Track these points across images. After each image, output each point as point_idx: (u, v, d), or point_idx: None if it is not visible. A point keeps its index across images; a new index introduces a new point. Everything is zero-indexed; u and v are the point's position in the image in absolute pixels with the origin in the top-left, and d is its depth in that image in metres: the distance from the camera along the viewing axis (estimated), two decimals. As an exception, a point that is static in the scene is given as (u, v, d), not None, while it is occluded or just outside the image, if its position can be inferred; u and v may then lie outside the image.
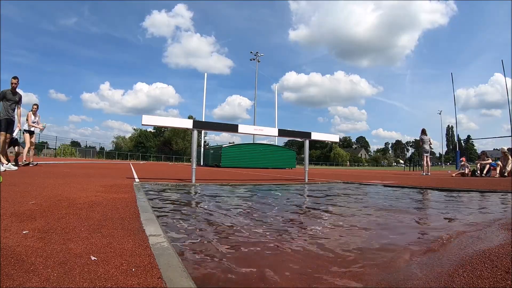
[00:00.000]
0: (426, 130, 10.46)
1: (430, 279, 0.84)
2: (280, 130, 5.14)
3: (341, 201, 2.82)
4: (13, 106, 5.84)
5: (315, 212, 2.13)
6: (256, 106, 28.04)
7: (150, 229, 1.29)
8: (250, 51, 32.03)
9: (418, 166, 19.83)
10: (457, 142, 23.95)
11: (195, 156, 4.39)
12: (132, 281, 0.76)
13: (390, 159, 79.52)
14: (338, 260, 1.04)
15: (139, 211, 1.70)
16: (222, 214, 1.90)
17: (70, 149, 32.98)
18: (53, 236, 1.14)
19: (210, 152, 20.36)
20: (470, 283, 0.80)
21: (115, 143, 50.87)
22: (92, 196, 2.29)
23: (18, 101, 5.94)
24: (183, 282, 0.76)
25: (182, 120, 4.60)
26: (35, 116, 7.38)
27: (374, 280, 0.86)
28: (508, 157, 8.48)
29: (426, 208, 2.53)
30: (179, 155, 47.28)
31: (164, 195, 2.80)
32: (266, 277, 0.88)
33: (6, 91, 5.76)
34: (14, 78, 5.88)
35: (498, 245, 1.16)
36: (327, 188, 4.07)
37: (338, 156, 67.70)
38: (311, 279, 0.87)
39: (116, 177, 4.67)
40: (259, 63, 28.71)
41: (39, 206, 1.73)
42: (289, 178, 6.33)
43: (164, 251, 1.00)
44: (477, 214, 2.08)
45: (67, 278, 0.76)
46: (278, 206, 2.35)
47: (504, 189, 3.81)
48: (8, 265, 0.83)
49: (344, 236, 1.41)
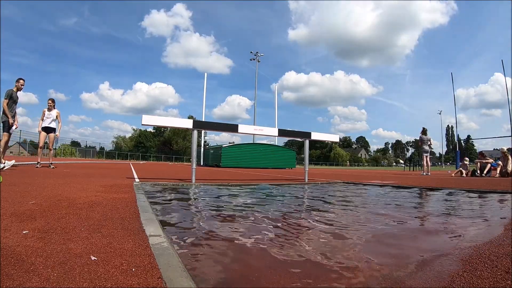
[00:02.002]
0: (426, 130, 10.44)
1: (430, 279, 0.84)
2: (280, 130, 5.14)
3: (342, 200, 2.82)
4: (14, 106, 5.85)
5: (315, 211, 2.13)
6: (256, 106, 28.08)
7: (150, 229, 1.29)
8: (250, 51, 32.13)
9: (418, 166, 19.83)
10: (457, 142, 23.91)
11: (195, 156, 4.39)
12: (132, 281, 0.76)
13: (390, 159, 79.52)
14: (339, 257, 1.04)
15: (139, 211, 1.70)
16: (222, 214, 1.90)
17: (70, 149, 32.98)
18: (53, 236, 1.14)
19: (210, 152, 20.35)
20: (470, 283, 0.80)
21: (115, 143, 50.92)
22: (92, 196, 2.29)
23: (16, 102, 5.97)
24: (183, 282, 0.76)
25: (182, 120, 4.59)
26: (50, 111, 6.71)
27: (375, 277, 0.86)
28: (508, 157, 8.48)
29: (426, 208, 2.53)
30: (179, 155, 47.27)
31: (164, 195, 2.80)
32: (265, 276, 0.88)
33: (13, 91, 5.74)
34: (23, 80, 5.91)
35: (498, 245, 1.16)
36: (327, 188, 4.07)
37: (338, 156, 67.70)
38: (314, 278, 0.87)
39: (116, 177, 4.67)
40: (259, 63, 28.75)
41: (39, 206, 1.73)
42: (289, 178, 6.33)
43: (164, 251, 1.00)
44: (477, 214, 2.08)
45: (67, 278, 0.76)
46: (278, 206, 2.35)
47: (504, 189, 3.81)
48: (8, 265, 0.83)
49: (344, 235, 1.41)
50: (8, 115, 5.59)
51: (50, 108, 6.75)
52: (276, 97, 28.17)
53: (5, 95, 5.66)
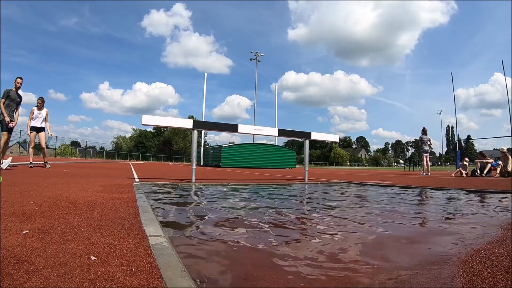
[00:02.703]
0: (426, 130, 10.44)
1: (430, 279, 0.84)
2: (280, 130, 5.14)
3: (342, 200, 2.82)
4: (13, 106, 5.84)
5: (316, 211, 2.13)
6: (256, 106, 28.08)
7: (150, 229, 1.29)
8: (250, 51, 32.03)
9: (418, 166, 19.85)
10: (457, 142, 23.91)
11: (195, 156, 4.39)
12: (132, 281, 0.76)
13: (390, 159, 79.53)
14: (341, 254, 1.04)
15: (139, 211, 1.70)
16: (222, 214, 1.90)
17: (70, 149, 33.01)
18: (53, 236, 1.14)
19: (210, 152, 20.35)
20: (470, 283, 0.80)
21: (115, 143, 50.94)
22: (92, 196, 2.29)
23: (19, 103, 5.97)
24: (183, 282, 0.76)
25: (182, 120, 4.59)
26: (40, 110, 6.52)
27: (375, 274, 0.86)
28: (508, 157, 8.48)
29: (426, 207, 2.53)
30: (179, 155, 47.27)
31: (164, 195, 2.80)
32: (264, 276, 0.88)
33: (10, 90, 5.73)
34: (20, 78, 5.90)
35: (498, 245, 1.16)
36: (327, 188, 4.07)
37: (338, 156, 67.72)
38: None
39: (116, 177, 4.66)
40: (259, 63, 28.75)
41: (39, 206, 1.73)
42: (289, 178, 6.33)
43: (164, 251, 1.00)
44: (476, 214, 2.08)
45: (67, 278, 0.76)
46: (279, 205, 2.35)
47: (504, 189, 3.81)
48: (8, 265, 0.83)
49: (345, 233, 1.41)
50: (4, 113, 5.58)
51: (40, 107, 6.55)
52: (276, 97, 28.18)
53: (2, 95, 5.68)
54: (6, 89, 5.74)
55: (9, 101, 5.73)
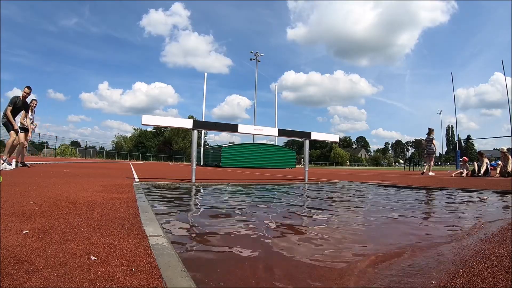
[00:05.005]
0: (431, 131, 10.37)
1: (430, 279, 0.84)
2: (280, 130, 5.14)
3: (342, 200, 2.82)
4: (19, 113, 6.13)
5: (316, 210, 2.13)
6: (256, 106, 28.08)
7: (150, 229, 1.29)
8: (250, 51, 32.02)
9: (418, 166, 19.85)
10: (457, 142, 23.95)
11: (195, 156, 4.39)
12: (132, 281, 0.76)
13: (390, 159, 79.54)
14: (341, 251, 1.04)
15: (139, 211, 1.70)
16: (222, 214, 1.90)
17: (70, 149, 33.00)
18: (53, 236, 1.14)
19: (210, 152, 20.35)
20: (470, 283, 0.80)
21: (115, 143, 50.94)
22: (92, 196, 2.29)
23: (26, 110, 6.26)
24: (183, 282, 0.76)
25: (182, 120, 4.59)
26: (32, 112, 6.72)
27: (376, 273, 0.86)
28: (508, 157, 8.48)
29: (425, 207, 2.53)
30: (179, 155, 47.27)
31: (164, 195, 2.80)
32: (263, 275, 0.88)
33: (18, 99, 5.96)
34: (28, 88, 6.10)
35: (498, 245, 1.16)
36: (327, 188, 4.07)
37: (338, 156, 67.73)
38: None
39: (116, 177, 4.66)
40: (259, 62, 28.74)
41: (39, 206, 1.73)
42: (289, 178, 6.33)
43: (164, 251, 1.00)
44: (476, 214, 2.08)
45: (67, 278, 0.76)
46: (279, 205, 2.35)
47: (504, 189, 3.81)
48: (8, 265, 0.83)
49: (345, 233, 1.41)
50: (11, 122, 5.82)
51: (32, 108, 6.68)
52: (276, 97, 28.18)
53: (9, 102, 5.91)
54: (14, 96, 5.96)
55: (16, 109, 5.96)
